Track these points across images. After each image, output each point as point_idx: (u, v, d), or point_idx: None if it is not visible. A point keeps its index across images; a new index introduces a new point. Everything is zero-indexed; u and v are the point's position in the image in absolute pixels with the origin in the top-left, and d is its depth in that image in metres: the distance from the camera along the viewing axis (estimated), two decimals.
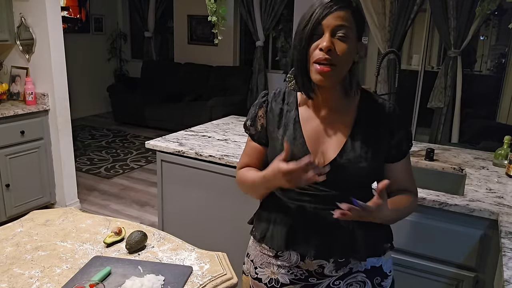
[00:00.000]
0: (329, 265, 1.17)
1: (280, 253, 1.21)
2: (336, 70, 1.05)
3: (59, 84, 3.36)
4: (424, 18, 5.07)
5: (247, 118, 1.28)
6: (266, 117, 1.22)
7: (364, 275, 1.19)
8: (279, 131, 1.18)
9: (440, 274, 1.70)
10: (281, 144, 1.15)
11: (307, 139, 1.15)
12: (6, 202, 3.19)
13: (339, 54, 1.04)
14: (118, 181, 4.42)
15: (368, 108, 1.17)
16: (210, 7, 2.45)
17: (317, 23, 1.05)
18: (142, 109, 6.51)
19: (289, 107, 1.20)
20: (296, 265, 1.19)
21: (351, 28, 1.05)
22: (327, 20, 1.04)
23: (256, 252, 1.28)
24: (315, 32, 1.05)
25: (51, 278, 1.26)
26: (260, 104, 1.24)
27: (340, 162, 1.11)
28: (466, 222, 1.62)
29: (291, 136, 1.15)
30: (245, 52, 6.95)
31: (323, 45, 1.03)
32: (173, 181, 2.29)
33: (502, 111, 4.84)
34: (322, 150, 1.14)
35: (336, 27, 1.04)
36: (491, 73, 5.58)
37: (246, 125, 1.28)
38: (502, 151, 2.08)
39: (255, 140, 1.26)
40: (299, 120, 1.17)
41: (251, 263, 1.30)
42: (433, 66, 5.75)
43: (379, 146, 1.14)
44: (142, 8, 7.37)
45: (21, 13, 3.30)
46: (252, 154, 1.28)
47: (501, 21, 5.38)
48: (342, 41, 1.04)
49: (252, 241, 1.32)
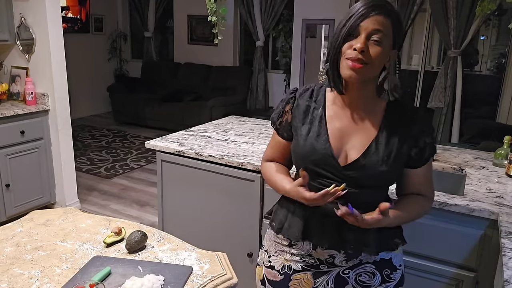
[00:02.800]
0: (339, 255, 1.21)
1: (294, 242, 1.26)
2: (367, 68, 1.08)
3: (59, 84, 3.36)
4: (424, 18, 5.07)
5: (274, 112, 1.32)
6: (292, 112, 1.26)
7: (373, 266, 1.22)
8: (304, 127, 1.21)
9: (440, 274, 1.70)
10: (304, 139, 1.19)
11: (331, 137, 1.17)
12: (6, 202, 3.19)
13: (371, 56, 1.07)
14: (118, 181, 4.42)
15: (395, 112, 1.19)
16: (210, 7, 2.45)
17: (356, 24, 1.08)
18: (142, 109, 6.50)
19: (316, 105, 1.23)
20: (308, 254, 1.24)
21: (387, 34, 1.09)
22: (365, 22, 1.07)
23: (271, 242, 1.33)
24: (352, 32, 1.09)
25: (51, 278, 1.26)
26: (288, 100, 1.28)
27: (362, 163, 1.14)
28: (466, 222, 1.61)
29: (315, 133, 1.18)
30: (245, 52, 6.95)
31: (357, 46, 1.07)
32: (173, 181, 2.29)
33: (502, 111, 4.84)
34: (346, 149, 1.17)
35: (372, 30, 1.07)
36: (491, 73, 5.57)
37: (273, 119, 1.32)
38: (502, 151, 2.08)
39: (279, 134, 1.30)
40: (325, 118, 1.20)
41: (265, 253, 1.35)
42: (433, 66, 5.75)
43: (401, 151, 1.16)
44: (142, 8, 7.37)
45: (21, 13, 3.30)
46: (276, 147, 1.33)
47: (501, 21, 5.38)
48: (376, 45, 1.08)
49: (267, 233, 1.37)
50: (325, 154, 1.15)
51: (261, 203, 2.02)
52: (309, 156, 1.17)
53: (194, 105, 6.14)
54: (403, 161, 1.18)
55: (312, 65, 5.85)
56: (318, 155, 1.16)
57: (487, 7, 2.36)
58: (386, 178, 1.17)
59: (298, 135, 1.22)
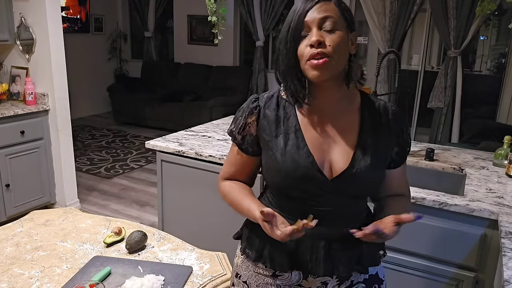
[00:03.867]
0: (332, 281, 1.11)
1: (279, 272, 1.12)
2: (332, 62, 0.97)
3: (59, 84, 3.36)
4: (424, 18, 5.07)
5: (233, 124, 1.16)
6: (258, 124, 1.11)
7: (363, 285, 1.15)
8: (278, 140, 1.07)
9: (440, 274, 1.70)
10: (282, 154, 1.04)
11: (311, 148, 1.04)
12: (6, 202, 3.19)
13: (330, 46, 0.97)
14: (118, 181, 4.42)
15: (370, 111, 1.10)
16: (210, 7, 2.45)
17: (301, 21, 0.99)
18: (142, 109, 6.50)
19: (286, 113, 1.09)
20: (297, 284, 1.11)
21: (337, 18, 0.99)
22: (309, 16, 0.98)
23: (250, 272, 1.16)
24: (300, 32, 0.99)
25: (51, 278, 1.26)
26: (251, 110, 1.11)
27: (352, 172, 1.03)
28: (466, 222, 1.61)
29: (294, 146, 1.05)
30: (245, 52, 6.95)
31: (313, 40, 0.97)
32: (173, 181, 2.29)
33: (502, 111, 4.83)
34: (329, 160, 1.05)
35: (321, 19, 0.98)
36: (491, 73, 5.57)
37: (232, 132, 1.15)
38: (502, 151, 2.08)
39: (243, 150, 1.15)
40: (300, 127, 1.07)
41: (244, 285, 1.18)
42: (433, 66, 5.75)
43: (386, 152, 1.10)
44: (142, 8, 7.37)
45: (21, 13, 3.30)
46: (238, 164, 1.17)
47: (501, 21, 5.38)
48: (331, 32, 0.98)
49: (241, 261, 1.20)
50: (310, 168, 1.02)
51: None
52: (293, 173, 1.03)
53: (194, 105, 6.14)
54: (387, 162, 1.12)
55: None
56: (302, 170, 1.02)
57: (487, 7, 2.36)
58: (377, 184, 1.11)
59: (272, 149, 1.07)
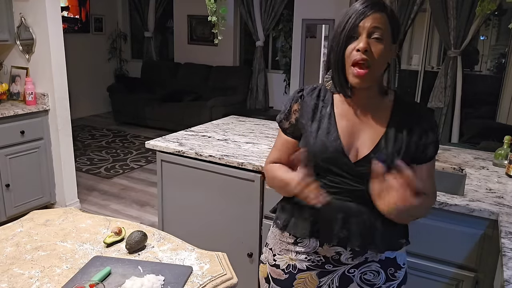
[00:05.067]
0: (346, 252, 1.21)
1: (300, 239, 1.26)
2: (372, 72, 1.11)
3: (59, 84, 3.36)
4: (424, 18, 5.07)
5: (281, 112, 1.31)
6: (299, 110, 1.26)
7: (378, 265, 1.23)
8: (313, 125, 1.22)
9: (440, 274, 1.70)
10: (314, 137, 1.19)
11: (341, 134, 1.18)
12: (6, 202, 3.19)
13: (375, 55, 1.09)
14: (118, 181, 4.42)
15: (402, 108, 1.21)
16: (210, 7, 2.46)
17: (354, 26, 1.10)
18: (142, 109, 6.50)
19: (324, 103, 1.24)
20: (314, 251, 1.24)
21: (386, 30, 1.11)
22: (364, 22, 1.09)
23: (276, 240, 1.32)
24: (352, 34, 1.10)
25: (51, 278, 1.26)
26: (296, 98, 1.27)
27: (372, 158, 1.15)
28: (466, 222, 1.61)
29: (325, 130, 1.19)
30: (245, 52, 6.96)
31: (360, 46, 1.08)
32: (173, 181, 2.29)
33: (502, 111, 4.84)
34: (356, 146, 1.18)
35: (372, 29, 1.09)
36: (491, 73, 5.57)
37: (280, 119, 1.31)
38: (502, 151, 2.08)
39: (288, 134, 1.29)
40: (334, 116, 1.21)
41: (269, 251, 1.34)
42: (433, 66, 5.75)
43: (409, 146, 1.18)
44: (142, 8, 7.37)
45: (21, 13, 3.30)
46: (284, 148, 1.31)
47: (501, 21, 5.38)
48: (378, 42, 1.10)
49: (271, 231, 1.36)
50: (336, 151, 1.17)
51: (261, 203, 2.02)
52: (320, 154, 1.17)
53: (194, 105, 6.14)
54: (410, 157, 1.19)
55: (312, 65, 5.85)
56: (329, 152, 1.17)
57: (487, 7, 2.36)
58: None
59: (307, 132, 1.22)
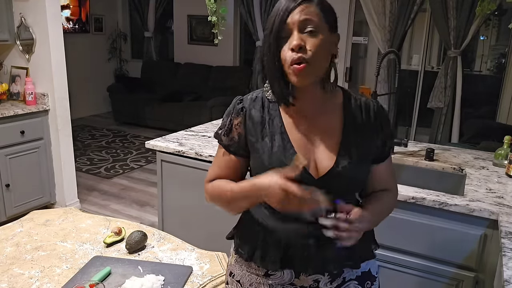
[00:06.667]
0: (324, 278, 1.10)
1: (272, 271, 1.12)
2: (312, 67, 0.98)
3: (59, 84, 3.36)
4: (424, 18, 5.07)
5: (220, 127, 1.15)
6: (244, 125, 1.10)
7: (356, 282, 1.15)
8: (264, 142, 1.07)
9: (440, 274, 1.70)
10: (269, 155, 1.05)
11: (297, 148, 1.05)
12: (6, 202, 3.19)
13: (311, 50, 0.97)
14: (118, 181, 4.42)
15: (353, 108, 1.11)
16: (210, 7, 2.45)
17: (282, 24, 0.98)
18: (142, 109, 6.50)
19: (270, 115, 1.09)
20: (289, 283, 1.11)
21: (319, 20, 0.98)
22: (291, 17, 0.97)
23: (243, 272, 1.17)
24: (282, 34, 0.99)
25: (51, 278, 1.26)
26: (237, 112, 1.11)
27: (338, 170, 1.04)
28: (466, 222, 1.62)
29: (281, 147, 1.05)
30: (245, 52, 6.95)
31: (294, 44, 0.96)
32: (173, 181, 2.29)
33: (502, 111, 4.83)
34: (315, 159, 1.06)
35: (302, 22, 0.97)
36: (491, 73, 5.58)
37: (219, 135, 1.15)
38: (502, 151, 2.08)
39: (231, 152, 1.13)
40: (285, 129, 1.08)
41: (237, 284, 1.18)
42: (433, 66, 5.75)
43: (369, 148, 1.10)
44: (142, 8, 7.36)
45: (21, 13, 3.30)
46: (226, 167, 1.16)
47: (501, 21, 5.38)
48: (312, 36, 0.97)
49: (235, 259, 1.21)
50: None
51: None
52: None
53: (194, 105, 6.14)
54: (371, 158, 1.12)
55: None
56: None
57: (487, 7, 2.37)
58: (363, 181, 1.12)
59: (258, 151, 1.07)
